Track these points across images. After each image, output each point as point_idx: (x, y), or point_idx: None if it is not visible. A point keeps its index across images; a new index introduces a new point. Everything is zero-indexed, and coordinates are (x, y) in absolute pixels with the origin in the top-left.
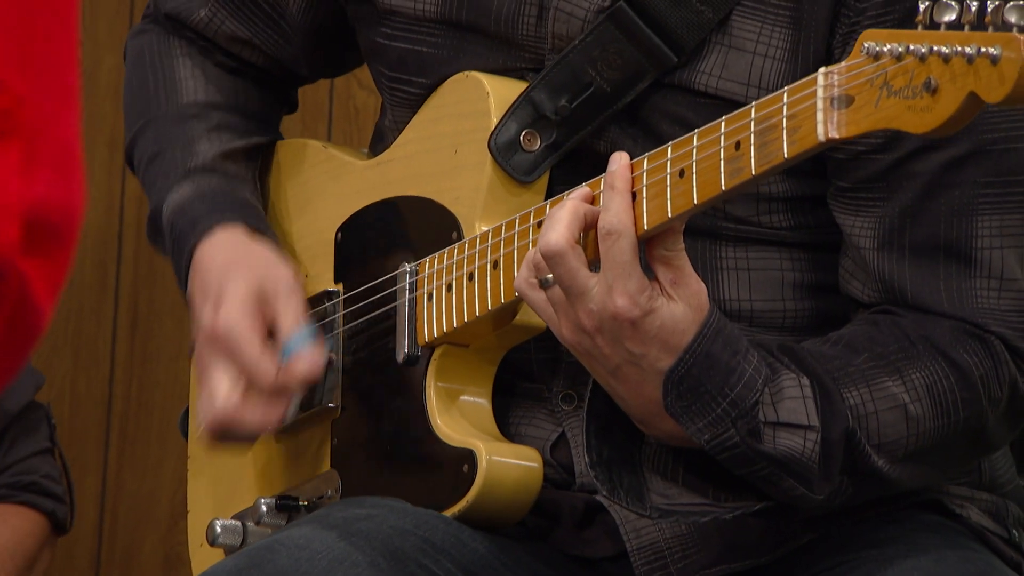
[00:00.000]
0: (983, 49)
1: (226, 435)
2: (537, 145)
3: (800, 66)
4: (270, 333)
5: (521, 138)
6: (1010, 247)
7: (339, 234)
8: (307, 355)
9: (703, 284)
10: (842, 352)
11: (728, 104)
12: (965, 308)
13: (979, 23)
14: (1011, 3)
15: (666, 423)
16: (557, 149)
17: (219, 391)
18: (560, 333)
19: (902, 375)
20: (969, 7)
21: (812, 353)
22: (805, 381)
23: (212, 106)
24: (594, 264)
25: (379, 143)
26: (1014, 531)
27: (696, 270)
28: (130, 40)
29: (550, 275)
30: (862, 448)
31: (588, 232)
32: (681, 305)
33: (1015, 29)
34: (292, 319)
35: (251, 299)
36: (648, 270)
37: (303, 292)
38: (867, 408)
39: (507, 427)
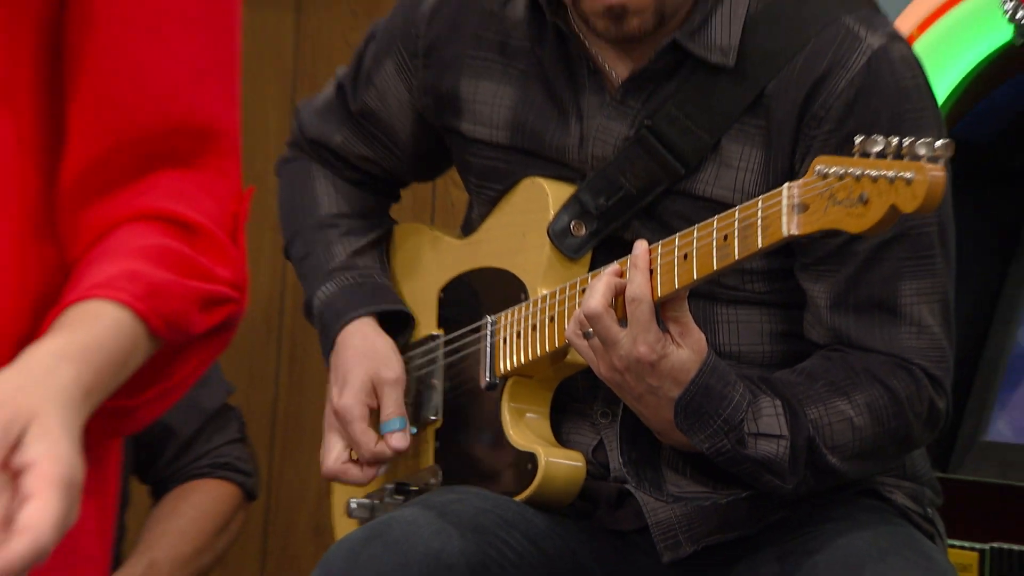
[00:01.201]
0: (901, 173)
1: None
2: (583, 232)
3: (771, 177)
4: (374, 413)
5: (571, 227)
6: (924, 303)
7: (441, 293)
8: (396, 440)
9: (703, 334)
10: (804, 380)
11: (719, 205)
12: (894, 348)
13: (898, 153)
14: (920, 141)
15: (677, 435)
16: (597, 235)
17: (331, 454)
18: (599, 371)
19: (848, 396)
20: (891, 142)
21: (782, 381)
22: (778, 403)
23: (342, 215)
24: (623, 321)
25: (469, 228)
26: (928, 510)
27: (698, 323)
28: (281, 166)
29: (591, 329)
30: (820, 451)
31: (618, 298)
32: (687, 351)
33: (924, 159)
34: (391, 408)
35: (364, 389)
36: (662, 325)
37: (403, 379)
38: (823, 421)
39: (560, 435)
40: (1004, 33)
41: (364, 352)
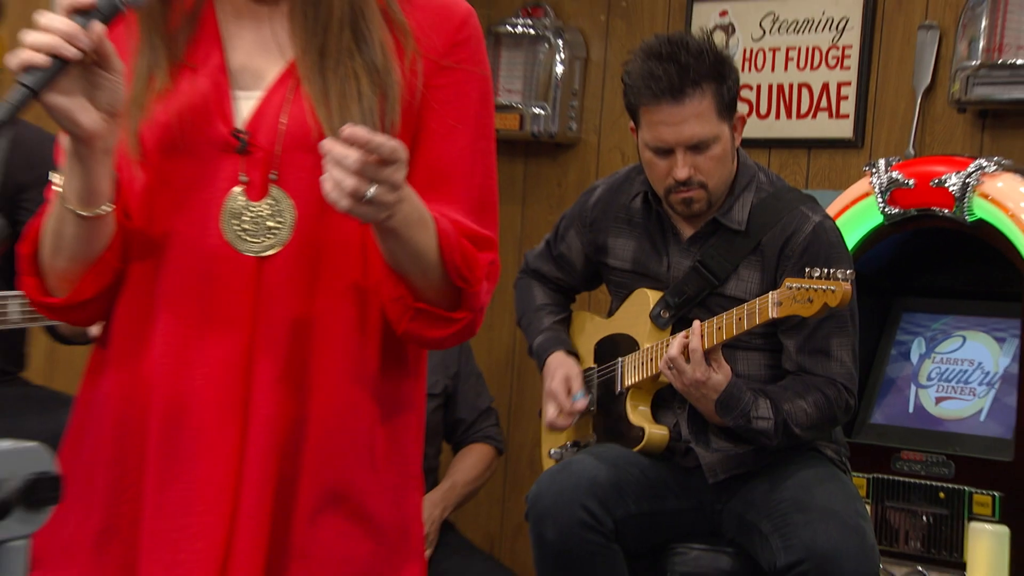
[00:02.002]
0: (829, 287)
1: (553, 428)
2: (667, 315)
3: (764, 287)
4: (569, 391)
5: (660, 313)
6: (844, 350)
7: (596, 345)
8: (580, 403)
9: (729, 366)
10: (781, 390)
11: (737, 301)
12: (829, 374)
13: (827, 276)
14: (839, 270)
15: (716, 418)
16: (674, 317)
17: (548, 412)
18: (676, 386)
19: (804, 398)
20: (824, 271)
21: (770, 390)
22: (768, 401)
23: (547, 305)
24: (688, 360)
25: (610, 314)
26: (844, 458)
27: (727, 361)
28: (517, 282)
29: (672, 365)
30: (789, 426)
31: (685, 349)
32: (720, 375)
33: (841, 280)
34: (576, 388)
35: (562, 380)
36: (708, 362)
37: (582, 377)
38: (791, 411)
39: (656, 417)
40: (878, 218)
41: (559, 364)
